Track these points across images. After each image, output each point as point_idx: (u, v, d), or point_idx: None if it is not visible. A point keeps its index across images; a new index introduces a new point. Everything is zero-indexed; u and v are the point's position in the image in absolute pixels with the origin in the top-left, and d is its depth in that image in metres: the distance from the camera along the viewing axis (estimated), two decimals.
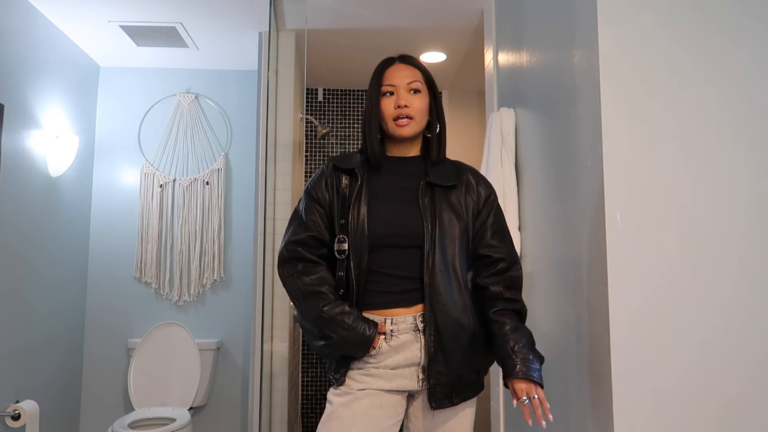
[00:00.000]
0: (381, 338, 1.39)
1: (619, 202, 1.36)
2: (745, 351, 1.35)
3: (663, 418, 1.32)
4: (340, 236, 1.42)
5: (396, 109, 1.45)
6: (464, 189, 1.48)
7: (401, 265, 1.41)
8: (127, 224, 3.39)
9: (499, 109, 2.29)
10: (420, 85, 1.48)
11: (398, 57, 1.53)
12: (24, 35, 2.63)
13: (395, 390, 1.40)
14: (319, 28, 2.99)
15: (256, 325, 2.81)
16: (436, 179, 1.45)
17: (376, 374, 1.39)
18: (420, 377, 1.39)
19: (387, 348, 1.39)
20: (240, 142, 3.51)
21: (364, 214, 1.41)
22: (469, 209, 1.46)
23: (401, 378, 1.39)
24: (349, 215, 1.42)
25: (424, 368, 1.39)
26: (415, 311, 1.40)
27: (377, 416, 1.36)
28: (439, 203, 1.43)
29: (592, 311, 1.44)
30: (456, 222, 1.43)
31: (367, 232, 1.39)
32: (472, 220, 1.46)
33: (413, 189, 1.46)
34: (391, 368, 1.39)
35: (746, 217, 1.38)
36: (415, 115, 1.46)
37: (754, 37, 1.42)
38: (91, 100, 3.39)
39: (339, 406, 1.37)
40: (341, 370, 1.40)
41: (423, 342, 1.39)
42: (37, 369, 2.78)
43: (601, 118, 1.38)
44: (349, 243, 1.41)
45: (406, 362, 1.39)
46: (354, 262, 1.40)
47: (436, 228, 1.40)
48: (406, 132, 1.46)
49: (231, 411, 3.39)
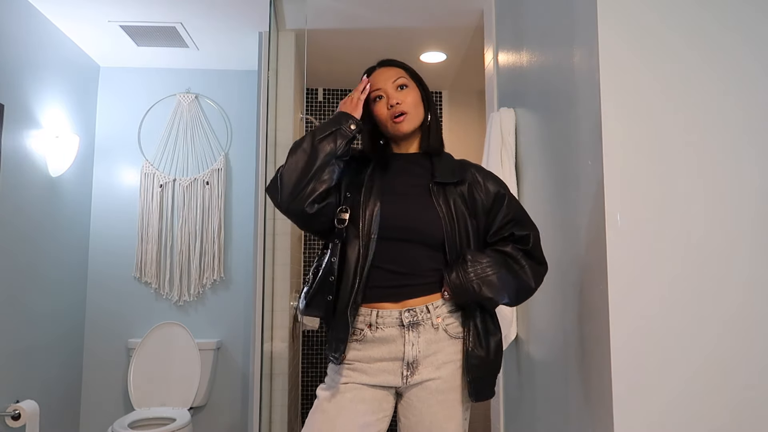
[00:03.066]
0: (366, 327, 1.39)
1: (619, 202, 1.36)
2: (747, 350, 1.34)
3: (663, 419, 1.32)
4: (343, 206, 1.43)
5: (389, 110, 1.46)
6: (470, 186, 1.48)
7: (397, 259, 1.41)
8: (127, 224, 3.39)
9: (499, 109, 2.29)
10: (406, 80, 1.49)
11: (378, 63, 1.55)
12: (24, 35, 2.63)
13: (379, 385, 1.40)
14: (319, 28, 2.99)
15: (256, 325, 2.81)
16: (444, 177, 1.46)
17: (360, 369, 1.40)
18: (404, 373, 1.39)
19: (371, 338, 1.40)
20: (240, 142, 3.51)
21: (371, 206, 1.41)
22: (477, 206, 1.46)
23: (384, 373, 1.39)
24: (354, 201, 1.43)
25: (409, 364, 1.39)
26: (401, 307, 1.40)
27: (360, 410, 1.37)
28: (454, 202, 1.44)
29: (592, 312, 1.44)
30: (467, 218, 1.44)
31: (380, 223, 1.40)
32: (483, 216, 1.47)
33: (421, 187, 1.46)
34: (375, 361, 1.39)
35: (747, 217, 1.37)
36: (409, 110, 1.46)
37: (757, 36, 1.41)
38: (91, 100, 3.39)
39: (323, 399, 1.40)
40: (340, 347, 1.40)
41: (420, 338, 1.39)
42: (37, 369, 2.78)
43: (601, 118, 1.37)
44: (349, 234, 1.41)
45: (389, 356, 1.39)
46: (361, 253, 1.39)
47: (455, 226, 1.42)
48: (405, 127, 1.46)
49: (231, 411, 3.39)
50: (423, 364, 1.39)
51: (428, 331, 1.40)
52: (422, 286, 1.42)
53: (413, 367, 1.39)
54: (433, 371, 1.40)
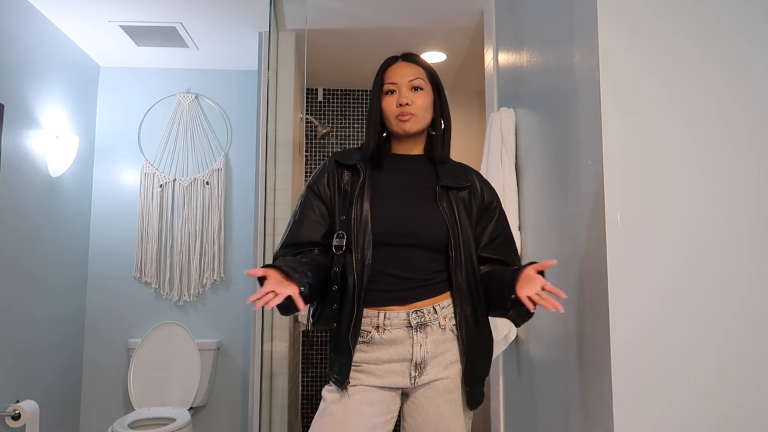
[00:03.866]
0: (374, 329, 1.39)
1: (619, 202, 1.36)
2: (748, 350, 1.34)
3: (663, 419, 1.32)
4: (340, 232, 1.42)
5: (398, 107, 1.45)
6: (470, 191, 1.49)
7: (400, 264, 1.41)
8: (127, 224, 3.39)
9: (499, 109, 2.29)
10: (422, 82, 1.48)
11: (401, 55, 1.54)
12: (24, 35, 2.63)
13: (386, 387, 1.40)
14: (319, 28, 2.99)
15: (256, 325, 2.81)
16: (450, 182, 1.46)
17: (368, 370, 1.39)
18: (412, 374, 1.39)
19: (379, 340, 1.39)
20: (240, 142, 3.51)
21: (368, 211, 1.40)
22: (473, 212, 1.47)
23: (392, 374, 1.39)
24: (352, 212, 1.41)
25: (417, 365, 1.39)
26: (409, 308, 1.40)
27: (368, 412, 1.37)
28: (457, 206, 1.44)
29: (592, 311, 1.44)
30: (468, 223, 1.45)
31: (370, 228, 1.39)
32: (475, 222, 1.48)
33: (423, 190, 1.46)
34: (383, 362, 1.39)
35: (747, 217, 1.37)
36: (417, 112, 1.45)
37: (758, 36, 1.41)
38: (91, 100, 3.39)
39: (331, 402, 1.39)
40: (344, 372, 1.39)
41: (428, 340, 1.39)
42: (37, 369, 2.78)
43: (601, 118, 1.37)
44: (350, 240, 1.40)
45: (397, 357, 1.39)
46: (356, 258, 1.39)
47: (459, 231, 1.42)
48: (408, 127, 1.45)
49: (231, 411, 3.39)
50: (431, 364, 1.40)
51: (435, 331, 1.40)
52: (428, 287, 1.42)
53: (421, 368, 1.39)
54: (440, 371, 1.40)
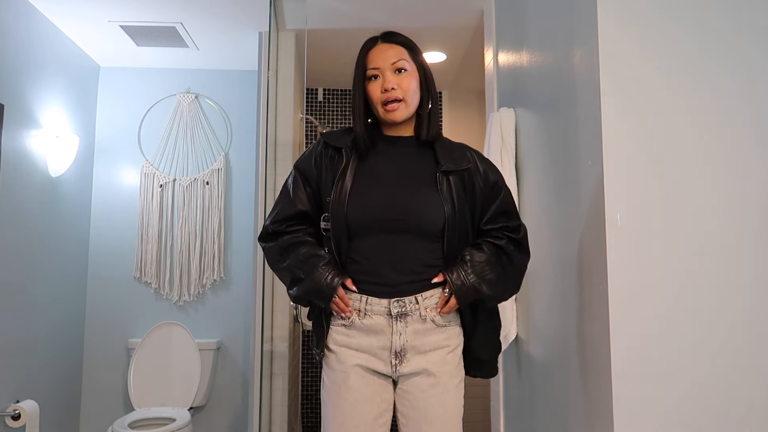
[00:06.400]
0: (355, 312, 1.40)
1: (619, 202, 1.36)
2: (750, 351, 1.34)
3: (664, 419, 1.32)
4: (326, 214, 1.42)
5: (383, 93, 1.41)
6: (470, 172, 1.46)
7: (392, 258, 1.40)
8: (127, 224, 3.39)
9: (499, 109, 2.29)
10: (406, 63, 1.43)
11: (381, 35, 1.47)
12: (24, 35, 2.63)
13: (375, 371, 1.41)
14: (319, 28, 2.98)
15: (256, 325, 2.81)
16: (450, 165, 1.44)
17: (354, 351, 1.42)
18: (393, 362, 1.39)
19: (360, 325, 1.40)
20: (240, 142, 3.51)
21: (345, 196, 1.39)
22: (476, 193, 1.46)
23: (375, 360, 1.41)
24: (332, 195, 1.40)
25: (396, 353, 1.39)
26: (392, 298, 1.40)
27: (365, 410, 1.39)
28: (456, 190, 1.42)
29: (592, 311, 1.44)
30: (466, 206, 1.44)
31: (345, 213, 1.38)
32: (479, 204, 1.46)
33: (422, 174, 1.44)
34: (364, 351, 1.40)
35: (751, 217, 1.37)
36: (405, 97, 1.41)
37: (762, 35, 1.40)
38: (91, 100, 3.39)
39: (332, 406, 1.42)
40: (320, 343, 1.45)
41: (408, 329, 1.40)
42: (37, 369, 2.78)
43: (601, 118, 1.37)
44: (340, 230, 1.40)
45: (378, 345, 1.40)
46: (334, 242, 1.40)
47: (455, 216, 1.41)
48: (397, 116, 1.42)
49: (231, 411, 3.39)
50: (410, 352, 1.40)
51: (416, 321, 1.40)
52: (417, 284, 1.41)
53: (401, 356, 1.39)
54: (421, 360, 1.40)
